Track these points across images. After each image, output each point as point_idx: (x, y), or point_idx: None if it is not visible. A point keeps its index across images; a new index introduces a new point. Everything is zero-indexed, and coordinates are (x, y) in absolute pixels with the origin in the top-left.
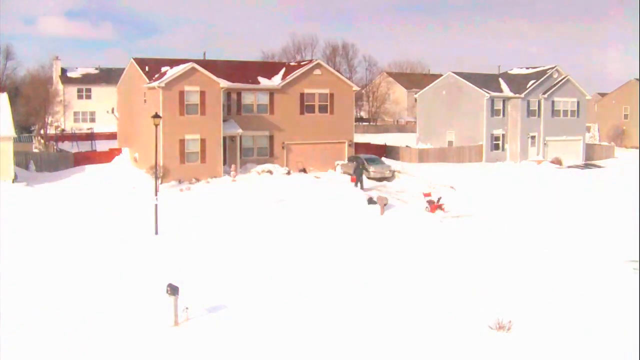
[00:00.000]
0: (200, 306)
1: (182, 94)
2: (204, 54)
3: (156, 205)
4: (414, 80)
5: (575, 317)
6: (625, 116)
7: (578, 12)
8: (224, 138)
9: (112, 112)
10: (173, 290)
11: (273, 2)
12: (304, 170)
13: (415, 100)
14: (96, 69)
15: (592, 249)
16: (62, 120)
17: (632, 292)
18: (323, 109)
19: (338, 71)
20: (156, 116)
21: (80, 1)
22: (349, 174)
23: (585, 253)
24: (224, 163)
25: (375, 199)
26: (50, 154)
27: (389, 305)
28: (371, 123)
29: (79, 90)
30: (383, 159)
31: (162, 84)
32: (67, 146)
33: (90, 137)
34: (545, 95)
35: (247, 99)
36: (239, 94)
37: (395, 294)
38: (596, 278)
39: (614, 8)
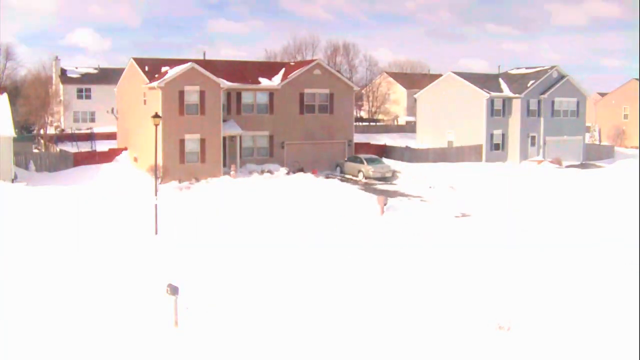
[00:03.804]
0: (200, 306)
1: (181, 94)
2: (204, 53)
3: (156, 205)
4: (414, 80)
5: (575, 317)
6: (625, 116)
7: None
8: (224, 138)
9: (112, 112)
10: (173, 290)
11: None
12: (302, 170)
13: (415, 100)
14: (95, 69)
15: (592, 248)
16: (62, 120)
17: (632, 292)
18: (323, 109)
19: (338, 71)
20: (156, 116)
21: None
22: (350, 174)
23: (585, 252)
24: (224, 163)
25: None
26: (50, 154)
27: (389, 305)
28: (371, 123)
29: (79, 90)
30: (383, 159)
31: (162, 84)
32: (66, 146)
33: (90, 137)
34: (545, 95)
35: (247, 99)
36: (239, 94)
37: (396, 294)
38: (596, 277)
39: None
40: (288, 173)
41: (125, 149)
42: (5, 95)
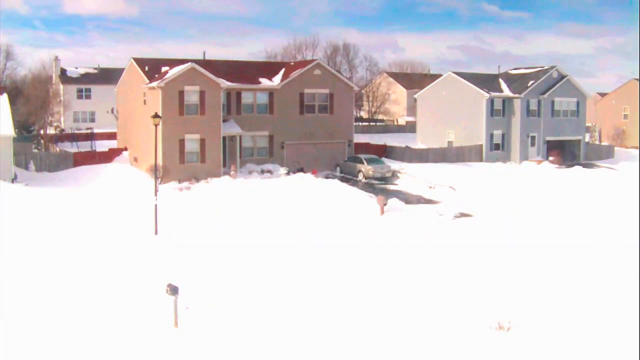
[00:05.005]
0: (200, 306)
1: (181, 94)
2: (204, 53)
3: (156, 205)
4: (414, 80)
5: (575, 317)
6: (625, 116)
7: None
8: (224, 138)
9: (112, 112)
10: (173, 290)
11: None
12: (302, 170)
13: (415, 100)
14: (95, 68)
15: (592, 248)
16: (62, 120)
17: (632, 292)
18: (323, 109)
19: (338, 71)
20: (156, 116)
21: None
22: (350, 174)
23: (585, 252)
24: (224, 163)
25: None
26: (50, 154)
27: (389, 304)
28: (371, 123)
29: (79, 90)
30: (383, 159)
31: (162, 84)
32: (66, 146)
33: (90, 137)
34: (545, 95)
35: (247, 99)
36: (238, 94)
37: (395, 294)
38: (596, 277)
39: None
40: (288, 173)
41: (125, 149)
42: (5, 95)
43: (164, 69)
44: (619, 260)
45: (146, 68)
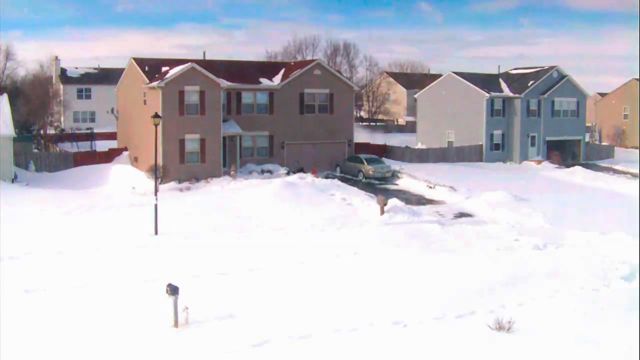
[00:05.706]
0: (200, 307)
1: (181, 94)
2: (204, 53)
3: (156, 205)
4: (414, 80)
5: (575, 317)
6: (625, 116)
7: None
8: (224, 138)
9: (112, 112)
10: (173, 290)
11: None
12: (302, 170)
13: (415, 100)
14: (95, 68)
15: (592, 247)
16: (62, 120)
17: (632, 291)
18: (323, 109)
19: (338, 71)
20: (156, 116)
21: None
22: (350, 174)
23: (584, 252)
24: (224, 163)
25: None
26: (50, 154)
27: (389, 304)
28: (371, 123)
29: (79, 90)
30: (383, 159)
31: (162, 84)
32: (66, 146)
33: (90, 137)
34: (545, 95)
35: (247, 99)
36: (238, 94)
37: (395, 294)
38: (596, 277)
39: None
40: (288, 173)
41: (125, 149)
42: (5, 95)
43: (164, 69)
44: (618, 260)
45: (146, 68)
